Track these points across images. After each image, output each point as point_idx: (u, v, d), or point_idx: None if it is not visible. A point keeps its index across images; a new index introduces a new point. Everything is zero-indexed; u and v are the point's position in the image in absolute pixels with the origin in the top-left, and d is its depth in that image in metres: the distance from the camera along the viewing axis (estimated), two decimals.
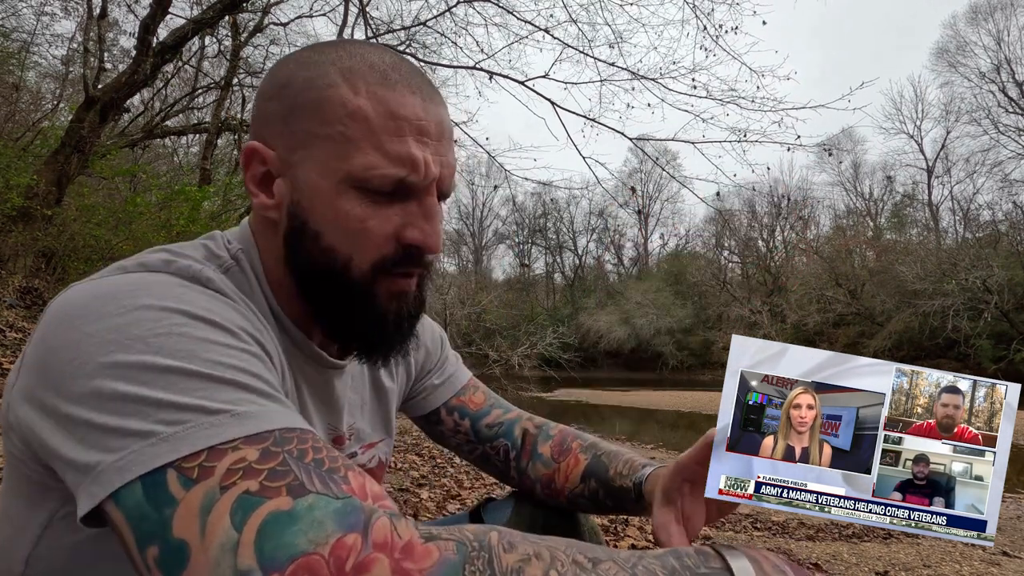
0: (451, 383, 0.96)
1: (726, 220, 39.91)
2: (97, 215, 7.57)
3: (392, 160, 0.60)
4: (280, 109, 0.63)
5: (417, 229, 0.63)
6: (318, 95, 0.61)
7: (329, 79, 0.61)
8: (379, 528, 0.41)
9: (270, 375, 0.53)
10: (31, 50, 12.76)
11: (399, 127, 0.60)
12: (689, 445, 0.77)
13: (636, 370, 36.78)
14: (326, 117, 0.61)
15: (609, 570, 0.45)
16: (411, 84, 0.63)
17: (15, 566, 0.58)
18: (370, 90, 0.61)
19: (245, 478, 0.42)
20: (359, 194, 0.61)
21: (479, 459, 0.96)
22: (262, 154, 0.64)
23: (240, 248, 0.66)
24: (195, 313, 0.51)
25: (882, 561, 2.99)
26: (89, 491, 0.44)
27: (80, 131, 6.69)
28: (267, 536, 0.39)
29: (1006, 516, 5.16)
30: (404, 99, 0.61)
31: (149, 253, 0.60)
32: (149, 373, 0.46)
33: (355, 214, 0.61)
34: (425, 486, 3.74)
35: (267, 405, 0.48)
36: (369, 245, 0.62)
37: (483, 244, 51.67)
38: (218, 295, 0.58)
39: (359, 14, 9.04)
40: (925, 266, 27.15)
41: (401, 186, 0.61)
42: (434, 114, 0.63)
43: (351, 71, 0.62)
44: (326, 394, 0.75)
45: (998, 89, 33.50)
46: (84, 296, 0.52)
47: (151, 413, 0.45)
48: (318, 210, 0.62)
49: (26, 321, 5.77)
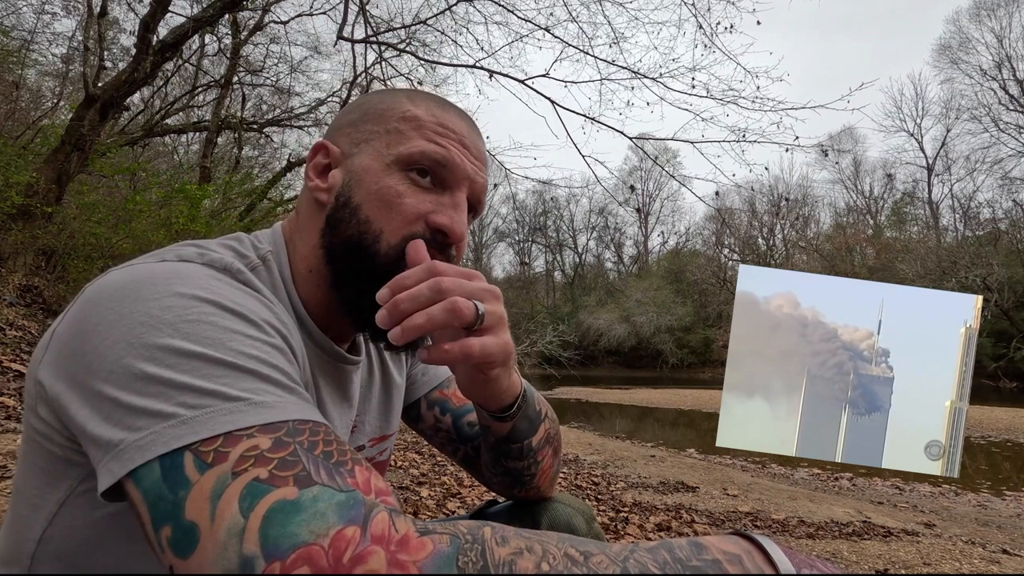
0: (433, 374, 0.94)
1: (725, 220, 39.93)
2: (97, 213, 7.56)
3: (435, 145, 0.69)
4: (353, 118, 0.73)
5: (445, 215, 0.68)
6: (385, 107, 0.72)
7: (397, 99, 0.73)
8: (378, 522, 0.43)
9: (291, 368, 0.55)
10: (31, 48, 12.72)
11: (445, 132, 0.70)
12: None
13: (636, 368, 36.83)
14: (387, 118, 0.71)
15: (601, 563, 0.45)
16: (461, 115, 0.74)
17: (27, 545, 0.59)
18: (427, 106, 0.72)
19: (256, 465, 0.44)
20: (403, 175, 0.68)
21: (462, 460, 0.93)
22: (327, 148, 0.72)
23: (269, 250, 0.70)
24: (223, 304, 0.54)
25: (882, 559, 3.00)
26: (109, 467, 0.46)
27: (80, 129, 6.68)
28: (271, 524, 0.41)
29: (1006, 514, 5.17)
30: (453, 119, 0.72)
31: (183, 246, 0.63)
32: (176, 357, 0.48)
33: (396, 189, 0.67)
34: (425, 484, 3.74)
35: (284, 396, 0.50)
36: (401, 220, 0.67)
37: (483, 242, 51.68)
38: (246, 287, 0.60)
39: (359, 12, 9.03)
40: (925, 264, 27.16)
41: (438, 173, 0.69)
42: (475, 140, 0.73)
43: (416, 95, 0.74)
44: (342, 389, 0.76)
45: (999, 86, 33.52)
46: (120, 280, 0.55)
47: (174, 395, 0.47)
48: (364, 186, 0.68)
49: (26, 319, 5.77)
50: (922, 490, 6.20)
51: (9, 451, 2.96)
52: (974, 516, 5.01)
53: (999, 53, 33.45)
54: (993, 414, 12.70)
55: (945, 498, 5.87)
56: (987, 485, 6.62)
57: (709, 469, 6.16)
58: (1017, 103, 32.80)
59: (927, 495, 5.97)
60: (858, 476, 6.80)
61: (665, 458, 6.79)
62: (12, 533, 0.60)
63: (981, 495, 6.08)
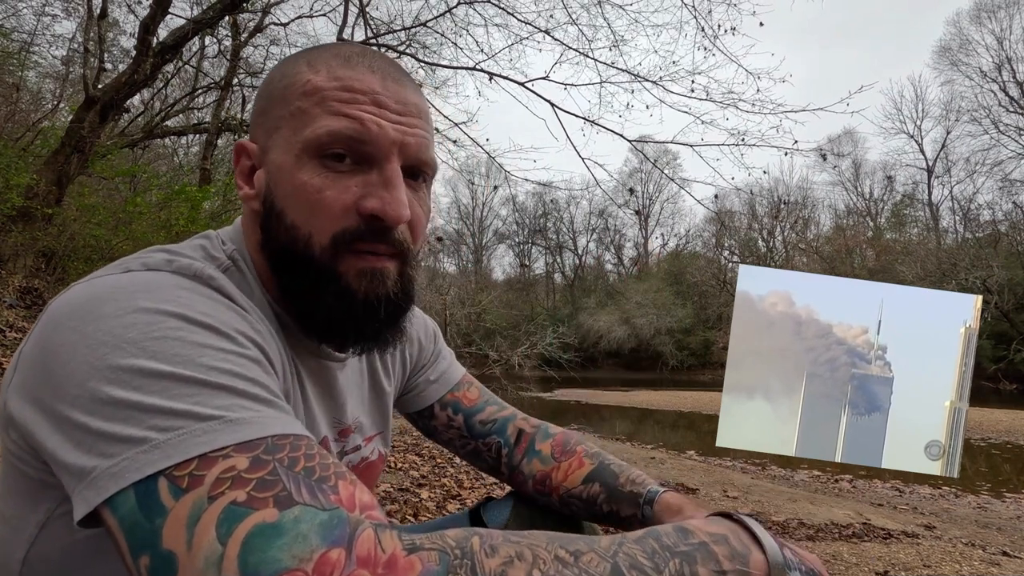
0: (446, 379, 0.96)
1: (724, 222, 39.93)
2: (97, 215, 7.56)
3: (341, 119, 0.60)
4: (261, 105, 0.66)
5: (375, 198, 0.60)
6: (287, 83, 0.63)
7: (297, 68, 0.64)
8: (363, 541, 0.41)
9: (268, 379, 0.52)
10: (31, 50, 12.74)
11: (352, 97, 0.61)
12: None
13: (636, 370, 36.77)
14: (288, 98, 0.63)
15: (591, 561, 0.45)
16: (373, 66, 0.63)
17: (12, 566, 0.58)
18: (330, 71, 0.62)
19: (233, 488, 0.42)
20: (317, 165, 0.60)
21: (470, 454, 0.96)
22: (247, 148, 0.66)
23: (235, 248, 0.67)
24: (191, 317, 0.51)
25: (882, 561, 2.99)
26: (84, 496, 0.44)
27: (80, 131, 6.69)
28: (251, 551, 0.39)
29: (1006, 516, 5.16)
30: (361, 76, 0.62)
31: (150, 252, 0.60)
32: (143, 378, 0.46)
33: (312, 185, 0.60)
34: (425, 486, 3.74)
35: (262, 411, 0.48)
36: (326, 217, 0.60)
37: (483, 244, 51.68)
38: (218, 295, 0.57)
39: (359, 14, 9.04)
40: (925, 266, 27.15)
41: (357, 151, 0.60)
42: (394, 91, 0.63)
43: (317, 58, 0.64)
44: (329, 387, 0.75)
45: (999, 88, 33.55)
46: (81, 297, 0.52)
47: (144, 419, 0.45)
48: (282, 187, 0.62)
49: (26, 321, 5.77)
50: (922, 492, 6.20)
51: None
52: (974, 518, 5.00)
53: (999, 55, 33.51)
54: (993, 416, 12.69)
55: (945, 500, 5.86)
56: (987, 487, 6.61)
57: (709, 471, 6.15)
58: (1017, 105, 32.83)
59: (927, 497, 5.96)
60: (858, 478, 6.79)
61: (665, 460, 6.78)
62: None
63: (981, 497, 6.07)
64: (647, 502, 0.82)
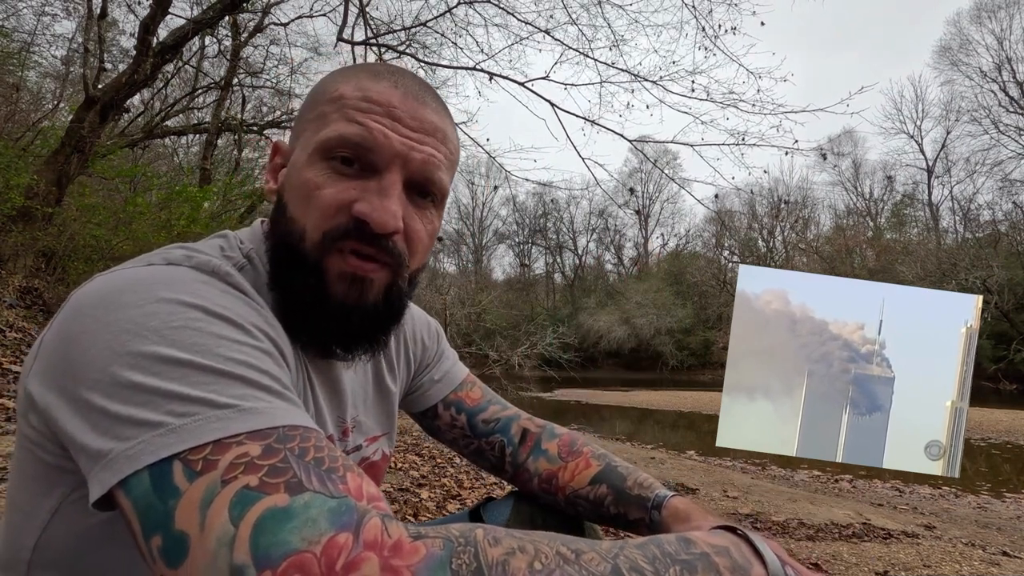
0: (449, 379, 0.97)
1: (724, 222, 39.95)
2: (97, 215, 7.56)
3: (353, 125, 0.63)
4: (300, 110, 0.72)
5: (367, 203, 0.62)
6: (321, 90, 0.68)
7: (334, 79, 0.68)
8: (370, 528, 0.42)
9: (280, 372, 0.54)
10: (31, 50, 12.75)
11: (369, 107, 0.64)
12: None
13: (636, 370, 36.80)
14: (317, 103, 0.67)
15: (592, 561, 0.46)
16: (398, 83, 0.66)
17: (23, 553, 0.59)
18: (358, 82, 0.66)
19: (246, 473, 0.43)
20: (325, 165, 0.64)
21: (473, 453, 0.97)
22: (280, 147, 0.71)
23: (251, 247, 0.69)
24: (210, 309, 0.53)
25: (882, 561, 2.99)
26: (99, 477, 0.45)
27: (80, 131, 6.69)
28: (262, 532, 0.40)
29: (1006, 516, 5.16)
30: (383, 89, 0.65)
31: (170, 249, 0.62)
32: (162, 364, 0.48)
33: (314, 181, 0.63)
34: (425, 486, 3.74)
35: (274, 402, 0.50)
36: (320, 212, 0.63)
37: (483, 244, 51.72)
38: (234, 290, 0.59)
39: (359, 14, 9.03)
40: (925, 266, 27.16)
41: (363, 157, 0.63)
42: (412, 107, 0.65)
43: (355, 73, 0.68)
44: (334, 386, 0.76)
45: (999, 88, 33.56)
46: (104, 287, 0.54)
47: (162, 404, 0.46)
48: (291, 182, 0.66)
49: (26, 321, 5.77)
50: (922, 492, 6.20)
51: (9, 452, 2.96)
52: (974, 518, 5.00)
53: (999, 55, 33.53)
54: (993, 416, 12.70)
55: (945, 500, 5.86)
56: (987, 487, 6.62)
57: (709, 471, 6.15)
58: (1017, 105, 32.84)
59: (927, 497, 5.97)
60: (858, 478, 6.79)
61: (665, 460, 6.78)
62: (8, 541, 0.60)
63: (981, 497, 6.07)
64: (655, 507, 0.82)
